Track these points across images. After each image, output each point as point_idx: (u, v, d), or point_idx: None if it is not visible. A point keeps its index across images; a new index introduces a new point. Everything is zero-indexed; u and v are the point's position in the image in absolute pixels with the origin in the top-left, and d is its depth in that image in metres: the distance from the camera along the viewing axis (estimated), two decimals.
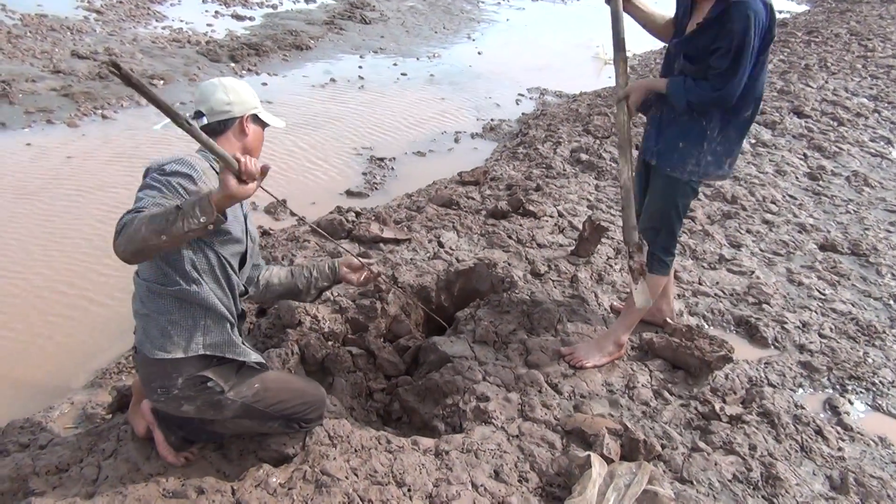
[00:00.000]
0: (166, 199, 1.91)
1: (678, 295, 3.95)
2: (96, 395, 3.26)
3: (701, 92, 2.60)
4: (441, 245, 4.44)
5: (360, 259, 2.80)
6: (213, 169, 2.10)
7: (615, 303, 3.69)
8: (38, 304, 4.14)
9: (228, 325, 2.19)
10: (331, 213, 5.29)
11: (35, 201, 5.51)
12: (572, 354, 3.17)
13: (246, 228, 2.29)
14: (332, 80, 9.95)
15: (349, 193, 6.32)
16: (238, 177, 1.80)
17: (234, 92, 2.21)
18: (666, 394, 3.01)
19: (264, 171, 1.84)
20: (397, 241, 4.41)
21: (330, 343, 3.26)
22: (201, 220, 1.79)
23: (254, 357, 2.26)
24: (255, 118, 2.28)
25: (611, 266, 4.13)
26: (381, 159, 7.35)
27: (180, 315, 2.09)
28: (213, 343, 2.15)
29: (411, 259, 4.18)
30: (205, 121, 2.19)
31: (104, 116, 7.89)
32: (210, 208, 1.80)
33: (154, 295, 2.09)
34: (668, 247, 3.05)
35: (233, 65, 10.04)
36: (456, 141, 8.10)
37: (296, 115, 8.62)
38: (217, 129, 2.21)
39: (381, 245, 4.36)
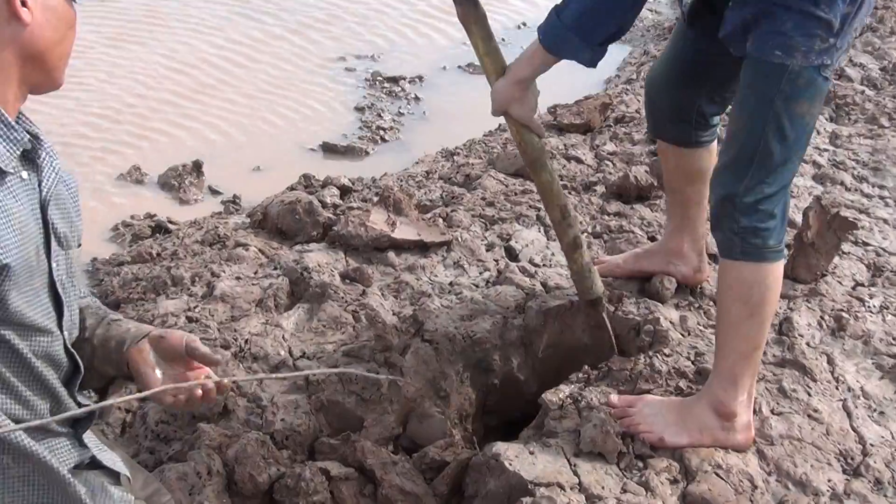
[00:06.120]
0: None
1: None
2: None
3: None
4: (513, 255, 4.41)
5: (196, 342, 2.43)
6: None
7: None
8: None
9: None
10: (291, 188, 5.31)
11: None
12: (628, 414, 3.27)
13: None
14: None
15: (328, 149, 6.37)
16: None
17: None
18: None
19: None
20: (424, 247, 4.41)
21: (285, 453, 3.25)
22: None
23: None
24: None
25: (862, 301, 4.06)
26: (395, 80, 7.37)
27: None
28: None
29: (451, 284, 4.17)
30: None
31: None
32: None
33: None
34: (763, 196, 3.10)
35: None
36: None
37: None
38: None
39: (392, 255, 4.37)
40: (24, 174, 2.07)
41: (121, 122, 6.53)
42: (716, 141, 3.78)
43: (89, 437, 2.28)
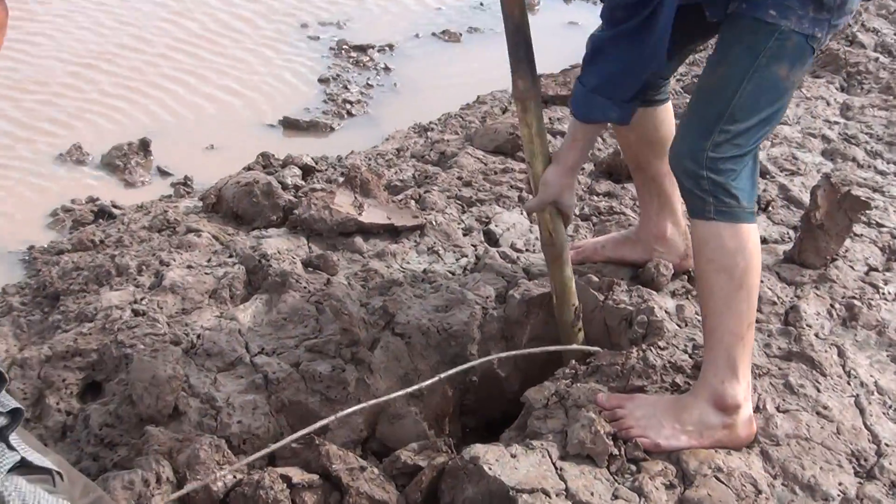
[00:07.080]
0: None
1: None
2: None
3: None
4: (492, 240, 4.42)
5: None
6: None
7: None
8: None
9: None
10: (248, 168, 5.29)
11: None
12: (618, 417, 3.26)
13: None
14: None
15: (288, 125, 6.34)
16: None
17: None
18: None
19: None
20: (394, 232, 4.41)
21: (242, 459, 3.23)
22: None
23: None
24: None
25: (876, 287, 4.08)
26: (363, 49, 7.34)
27: None
28: None
29: (424, 271, 4.17)
30: None
31: None
32: None
33: None
34: (731, 157, 3.24)
35: None
36: (529, 4, 8.01)
37: None
38: None
39: (359, 240, 4.36)
40: None
41: (56, 98, 6.48)
42: (669, 101, 3.91)
43: (13, 436, 2.28)
